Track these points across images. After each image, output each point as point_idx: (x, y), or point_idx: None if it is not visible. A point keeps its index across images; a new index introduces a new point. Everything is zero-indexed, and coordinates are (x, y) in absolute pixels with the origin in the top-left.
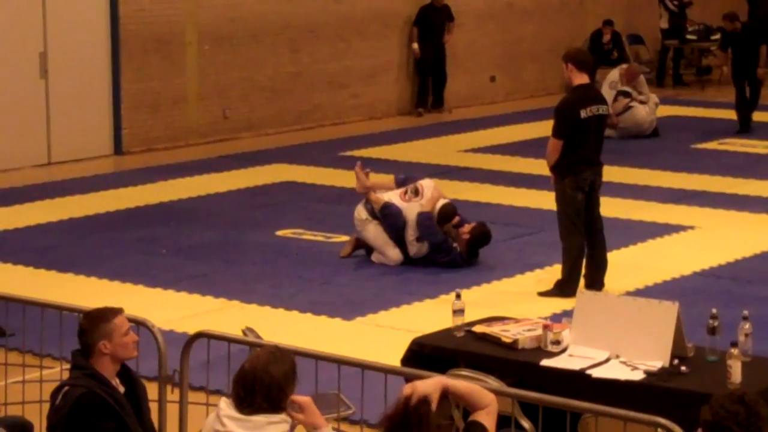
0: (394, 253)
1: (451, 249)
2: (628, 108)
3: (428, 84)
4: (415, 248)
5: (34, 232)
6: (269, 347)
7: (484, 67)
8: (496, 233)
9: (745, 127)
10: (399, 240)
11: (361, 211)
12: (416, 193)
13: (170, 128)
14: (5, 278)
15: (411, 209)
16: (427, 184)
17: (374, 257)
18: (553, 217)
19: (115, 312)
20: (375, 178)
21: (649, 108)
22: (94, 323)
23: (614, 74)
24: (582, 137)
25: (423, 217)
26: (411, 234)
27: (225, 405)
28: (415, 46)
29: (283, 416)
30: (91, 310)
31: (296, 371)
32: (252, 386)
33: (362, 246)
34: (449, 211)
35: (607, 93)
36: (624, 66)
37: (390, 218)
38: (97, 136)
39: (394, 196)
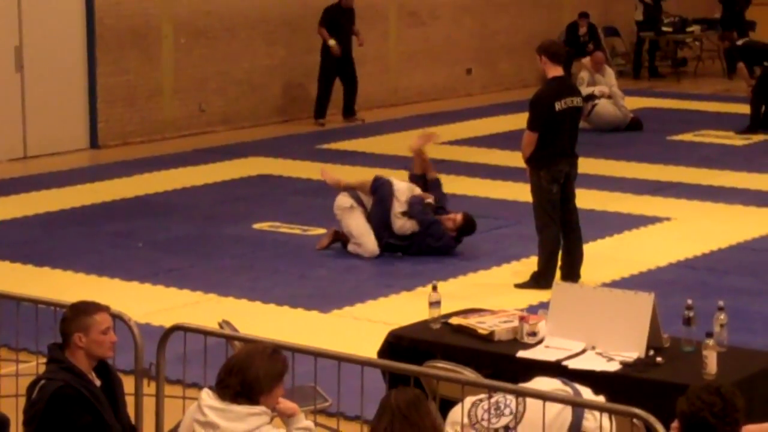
0: (371, 244)
1: (443, 233)
2: (592, 108)
3: (330, 91)
4: (400, 222)
5: (9, 226)
6: (269, 345)
7: (461, 60)
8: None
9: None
10: (384, 220)
11: (344, 199)
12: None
13: (146, 122)
14: None
15: (399, 184)
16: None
17: (350, 247)
18: (529, 209)
19: (99, 308)
20: (349, 178)
21: (615, 103)
22: (75, 314)
23: (583, 74)
24: (557, 129)
25: (414, 199)
26: (398, 207)
27: (206, 395)
28: (332, 42)
29: (263, 408)
30: (78, 301)
31: (282, 376)
32: (231, 368)
33: (339, 239)
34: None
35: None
36: (587, 58)
37: (381, 189)
38: (73, 130)
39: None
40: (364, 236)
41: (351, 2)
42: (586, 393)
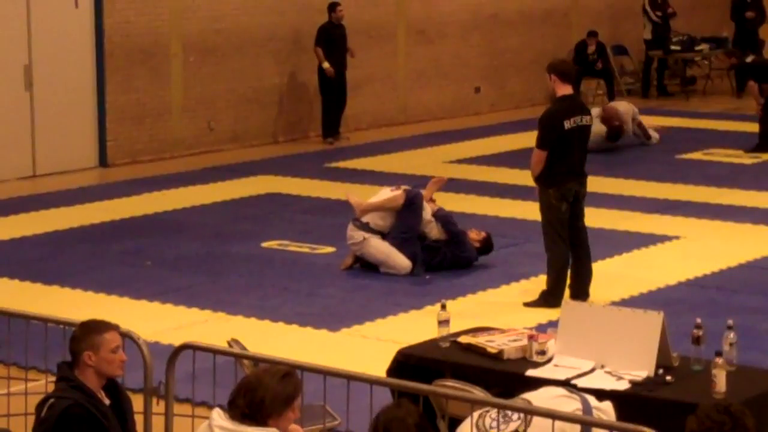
0: (402, 260)
1: (469, 244)
2: None
3: (333, 109)
4: (436, 228)
5: (19, 244)
6: (284, 368)
7: (469, 78)
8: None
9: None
10: (416, 228)
11: (355, 235)
12: None
13: (155, 140)
14: None
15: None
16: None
17: (382, 270)
18: (538, 228)
19: (109, 327)
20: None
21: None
22: (85, 333)
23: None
24: (566, 148)
25: (441, 211)
26: (428, 212)
27: (218, 415)
28: (327, 65)
29: (273, 430)
30: (87, 320)
31: (292, 401)
32: (241, 389)
33: (361, 260)
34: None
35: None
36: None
37: (415, 202)
38: (82, 148)
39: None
40: (390, 257)
41: (341, 18)
42: (592, 400)
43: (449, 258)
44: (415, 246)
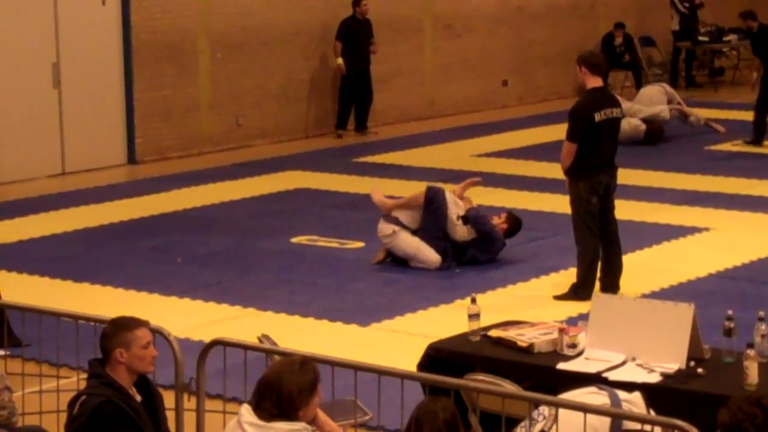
0: (432, 255)
1: (498, 237)
2: None
3: (351, 104)
4: (461, 230)
5: (49, 242)
6: (297, 357)
7: (497, 72)
8: (510, 238)
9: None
10: (441, 228)
11: (385, 228)
12: None
13: (183, 136)
14: (21, 288)
15: (448, 194)
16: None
17: (412, 264)
18: (568, 221)
19: (139, 323)
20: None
21: (631, 120)
22: (116, 330)
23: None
24: (596, 140)
25: (472, 212)
26: (455, 212)
27: (246, 411)
28: (340, 61)
29: (303, 425)
30: (118, 317)
31: (316, 386)
32: (263, 391)
33: (392, 255)
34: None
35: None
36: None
37: (437, 199)
38: (110, 146)
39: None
40: (420, 251)
41: (366, 13)
42: (621, 394)
43: (477, 256)
44: (445, 243)
